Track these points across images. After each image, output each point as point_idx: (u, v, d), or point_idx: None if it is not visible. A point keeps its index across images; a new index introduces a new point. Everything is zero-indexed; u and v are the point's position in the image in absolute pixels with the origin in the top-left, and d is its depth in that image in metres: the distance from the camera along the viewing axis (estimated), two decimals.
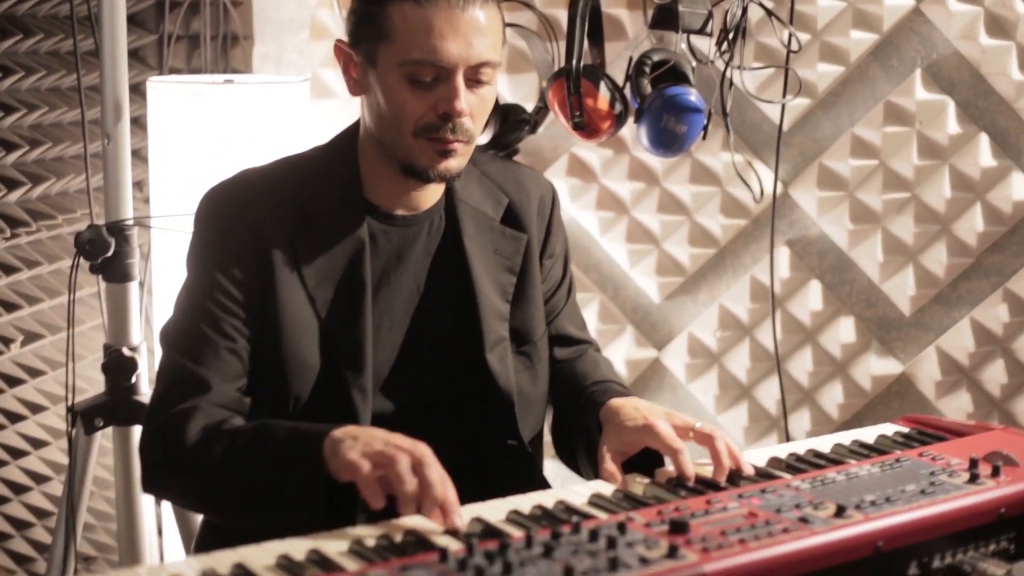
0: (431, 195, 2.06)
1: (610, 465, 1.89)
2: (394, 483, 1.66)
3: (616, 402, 2.00)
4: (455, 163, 1.96)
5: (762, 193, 2.76)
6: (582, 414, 2.08)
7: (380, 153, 1.99)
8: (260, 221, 1.96)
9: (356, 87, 2.00)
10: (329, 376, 1.97)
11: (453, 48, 1.89)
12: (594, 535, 1.56)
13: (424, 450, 1.69)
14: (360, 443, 1.70)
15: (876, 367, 3.15)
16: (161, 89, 2.83)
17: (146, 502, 2.81)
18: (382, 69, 1.92)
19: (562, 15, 2.89)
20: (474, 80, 1.93)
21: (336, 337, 1.98)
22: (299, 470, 1.75)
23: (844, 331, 3.14)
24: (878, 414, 3.15)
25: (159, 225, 2.79)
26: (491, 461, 2.05)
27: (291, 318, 1.96)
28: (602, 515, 1.71)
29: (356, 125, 2.07)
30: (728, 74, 2.66)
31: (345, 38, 2.01)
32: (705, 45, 2.73)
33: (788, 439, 3.11)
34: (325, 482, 1.72)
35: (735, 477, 1.87)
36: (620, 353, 3.25)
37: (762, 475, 1.88)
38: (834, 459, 1.96)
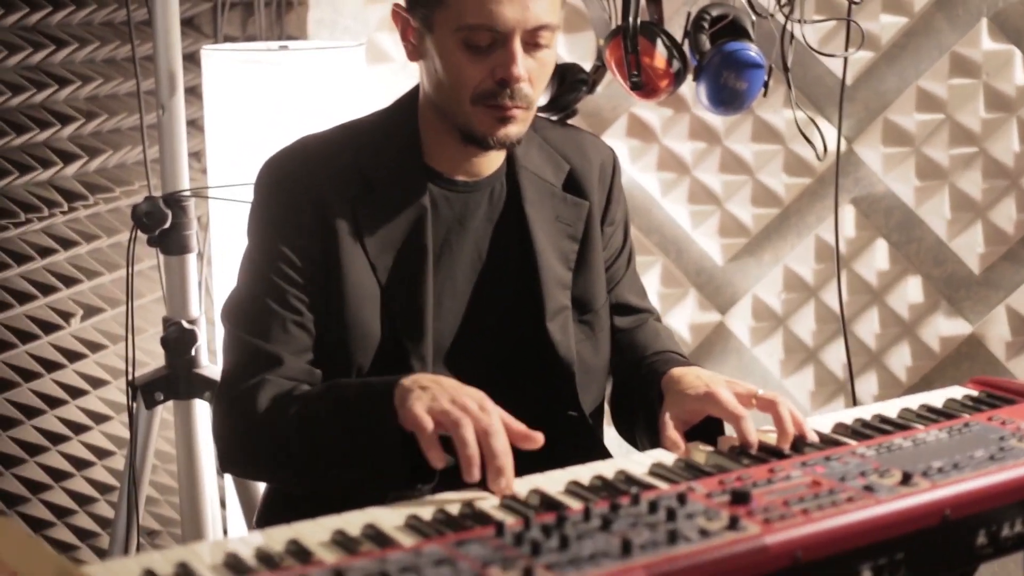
0: (492, 161, 2.05)
1: (672, 433, 1.87)
2: (457, 446, 1.65)
3: (677, 371, 1.98)
4: (515, 129, 1.95)
5: (825, 150, 2.69)
6: (642, 385, 2.06)
7: (440, 119, 1.98)
8: (321, 188, 1.95)
9: (414, 53, 2.00)
10: (390, 345, 1.97)
11: (509, 11, 1.87)
12: (653, 507, 1.54)
13: (490, 418, 1.68)
14: (428, 395, 1.71)
15: (945, 328, 3.10)
16: (215, 57, 2.83)
17: (208, 476, 2.83)
18: (438, 34, 1.91)
19: None
20: (532, 44, 1.91)
21: (397, 305, 1.98)
22: (371, 421, 1.76)
23: (912, 291, 3.10)
24: (947, 376, 3.10)
25: (216, 196, 2.79)
26: (552, 432, 1.99)
27: (353, 286, 1.96)
28: (663, 485, 1.69)
29: (415, 90, 2.06)
30: (789, 28, 2.59)
31: (402, 2, 1.99)
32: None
33: (855, 403, 3.07)
34: (399, 432, 1.72)
35: (799, 444, 1.83)
36: (683, 317, 3.23)
37: (826, 442, 1.85)
38: (901, 424, 1.92)
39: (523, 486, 1.68)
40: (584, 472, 1.75)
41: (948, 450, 1.76)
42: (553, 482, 1.71)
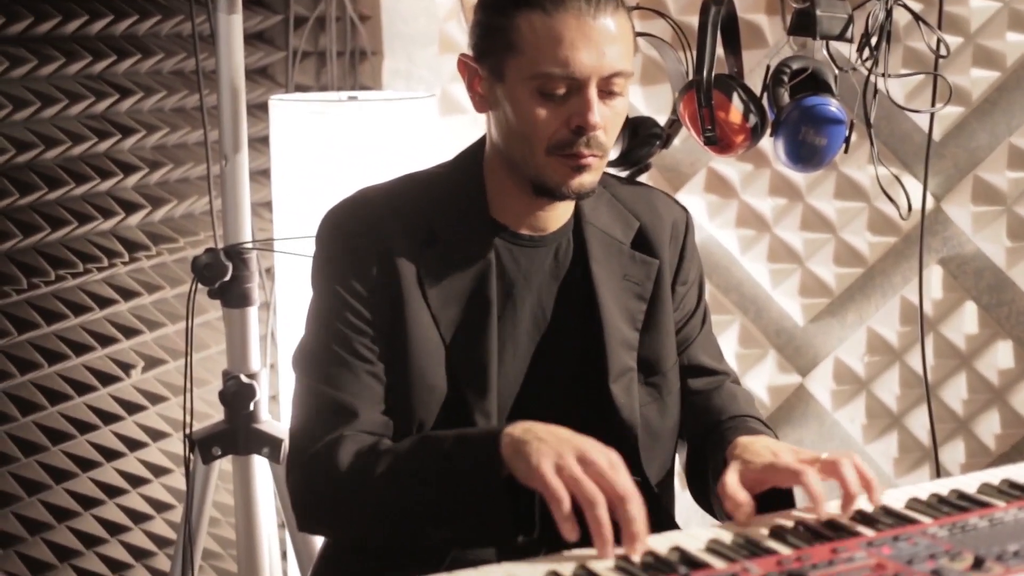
0: (559, 215, 2.01)
1: (733, 490, 1.77)
2: (590, 522, 1.60)
3: (745, 439, 1.91)
4: (588, 178, 1.91)
5: (909, 208, 2.61)
6: (715, 451, 1.99)
7: (508, 171, 1.95)
8: (384, 238, 1.93)
9: (482, 103, 1.96)
10: (453, 400, 1.94)
11: (585, 58, 1.84)
12: None
13: (624, 481, 1.63)
14: (551, 450, 1.66)
15: None
16: (283, 107, 2.82)
17: (267, 531, 2.79)
18: (510, 83, 1.88)
19: (694, 22, 2.72)
20: (606, 91, 1.88)
21: (461, 359, 1.95)
22: (475, 473, 1.73)
23: (1002, 356, 3.00)
24: None
25: (279, 249, 2.76)
26: None
27: (416, 339, 1.93)
28: (718, 563, 1.60)
29: (481, 142, 2.03)
30: (872, 81, 2.52)
31: (469, 52, 1.96)
32: (849, 51, 2.60)
33: (939, 472, 2.97)
34: (506, 483, 1.68)
35: (869, 517, 1.73)
36: (762, 379, 3.16)
37: (897, 518, 1.75)
38: (979, 501, 1.81)
39: (569, 559, 1.61)
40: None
41: None
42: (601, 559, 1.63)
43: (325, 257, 1.98)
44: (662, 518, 2.06)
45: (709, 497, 2.03)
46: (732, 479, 1.79)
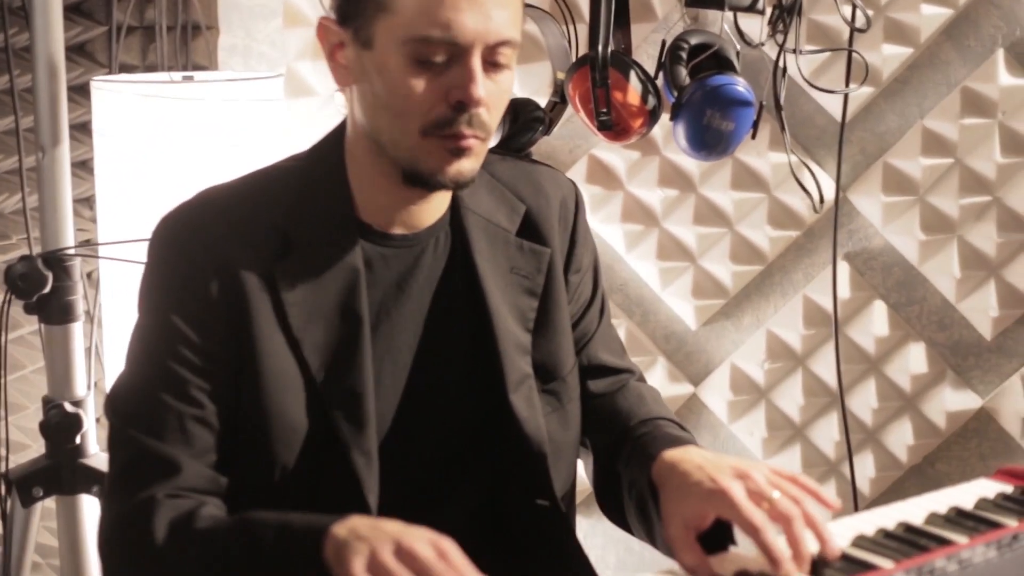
0: (435, 208, 1.87)
1: (692, 554, 1.63)
2: None
3: (671, 456, 1.76)
4: (468, 165, 1.76)
5: (821, 200, 2.50)
6: (630, 464, 1.88)
7: (375, 159, 1.80)
8: (229, 250, 1.77)
9: (345, 75, 1.79)
10: (323, 438, 1.79)
11: (469, 21, 1.68)
12: None
13: (449, 568, 1.48)
14: (366, 547, 1.50)
15: (951, 401, 2.93)
16: (107, 89, 2.62)
17: None
18: (380, 49, 1.72)
19: None
20: (491, 63, 1.73)
21: (330, 389, 1.78)
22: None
23: (914, 359, 2.92)
24: (953, 455, 2.95)
25: (107, 255, 2.57)
26: (518, 524, 1.86)
27: (272, 369, 1.77)
28: None
29: (341, 128, 1.87)
30: (781, 60, 2.43)
31: (331, 14, 1.78)
32: (748, 26, 2.50)
33: (855, 490, 2.88)
34: None
35: (819, 566, 1.58)
36: None
37: (854, 563, 1.59)
38: (936, 536, 1.67)
39: None
40: None
41: (1002, 574, 1.55)
42: None
43: (155, 275, 1.81)
44: (568, 541, 1.96)
45: (625, 514, 1.93)
46: (687, 549, 1.65)
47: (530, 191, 1.98)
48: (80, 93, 2.91)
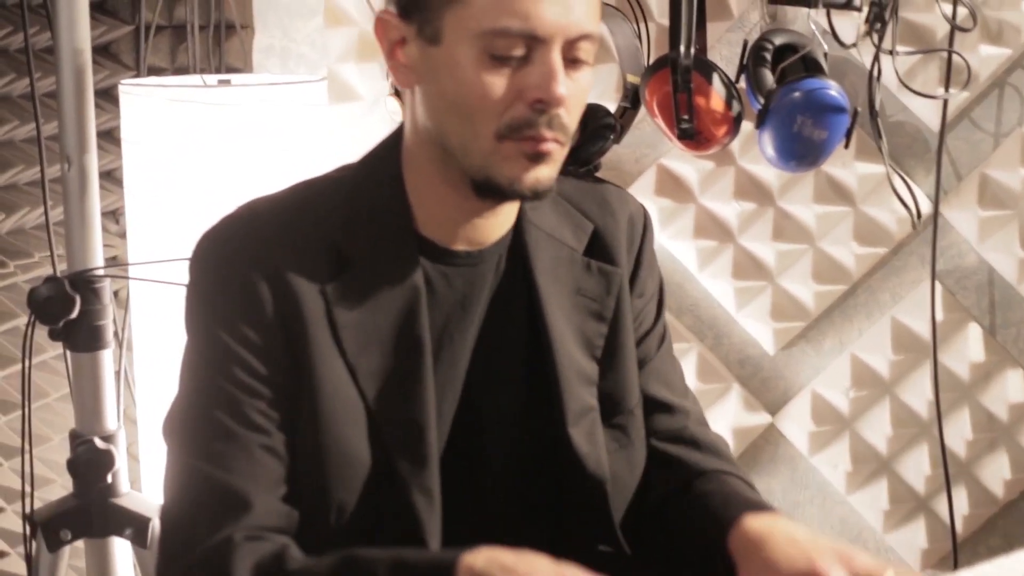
0: (502, 223, 1.78)
1: None
2: None
3: (756, 526, 1.67)
4: (547, 172, 1.68)
5: (918, 214, 2.39)
6: (694, 526, 1.80)
7: (441, 168, 1.72)
8: (279, 269, 1.69)
9: (408, 75, 1.70)
10: (382, 475, 1.71)
11: (549, 12, 1.60)
12: None
13: None
14: None
15: None
16: (136, 94, 2.54)
17: None
18: (450, 44, 1.64)
19: None
20: (571, 59, 1.65)
21: (388, 421, 1.71)
22: None
23: (1012, 387, 2.80)
24: None
25: (138, 275, 2.49)
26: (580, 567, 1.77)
27: (328, 397, 1.70)
28: None
29: (396, 136, 1.78)
30: (877, 62, 2.34)
31: (391, 7, 1.71)
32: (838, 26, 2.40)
33: (953, 529, 2.78)
34: None
35: None
36: (725, 418, 2.93)
37: None
38: None
39: None
40: None
41: None
42: None
43: (202, 294, 1.73)
44: None
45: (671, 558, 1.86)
46: None
47: (597, 209, 1.91)
48: (105, 98, 2.83)
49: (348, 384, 1.70)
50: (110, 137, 2.86)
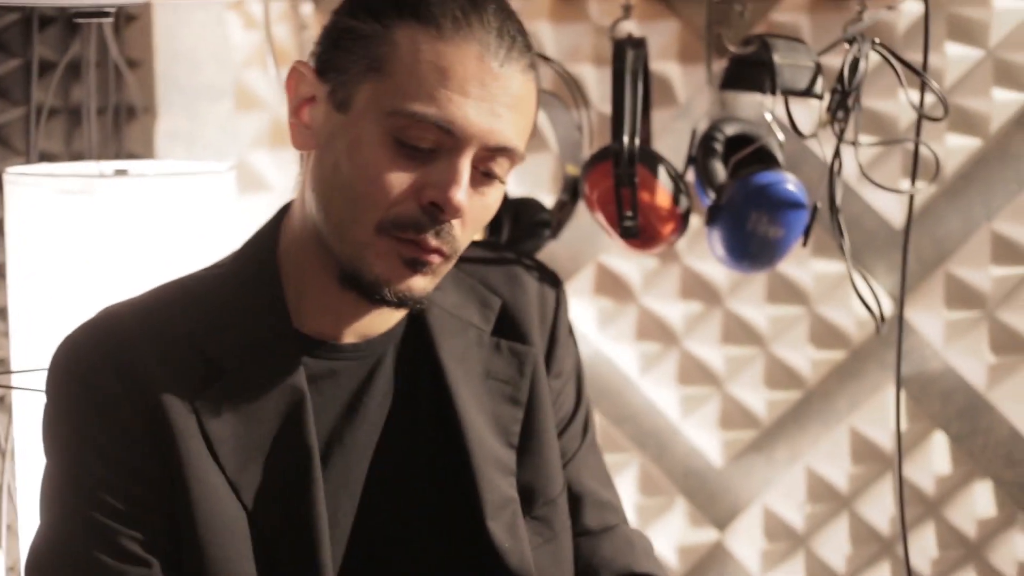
0: (395, 312, 1.73)
1: None
2: None
3: None
4: (422, 284, 1.63)
5: (882, 317, 2.31)
6: None
7: (318, 250, 1.66)
8: (145, 380, 1.62)
9: (306, 137, 1.65)
10: None
11: (473, 112, 1.55)
12: None
13: None
14: None
15: (1023, 548, 2.71)
16: (22, 184, 2.41)
17: None
18: (357, 116, 1.59)
19: (588, 73, 2.59)
20: (483, 171, 1.60)
21: (277, 539, 1.64)
22: None
23: (980, 501, 2.71)
24: None
25: (22, 384, 2.38)
26: None
27: (208, 515, 1.62)
28: None
29: (279, 216, 1.75)
30: (838, 154, 2.20)
31: (311, 61, 1.66)
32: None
33: None
34: None
35: None
36: (669, 535, 2.85)
37: None
38: None
39: None
40: None
41: None
42: None
43: (62, 413, 1.65)
44: None
45: None
46: None
47: (504, 281, 1.87)
48: None
49: (230, 501, 1.63)
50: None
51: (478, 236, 2.19)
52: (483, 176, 1.60)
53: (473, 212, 1.62)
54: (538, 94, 1.65)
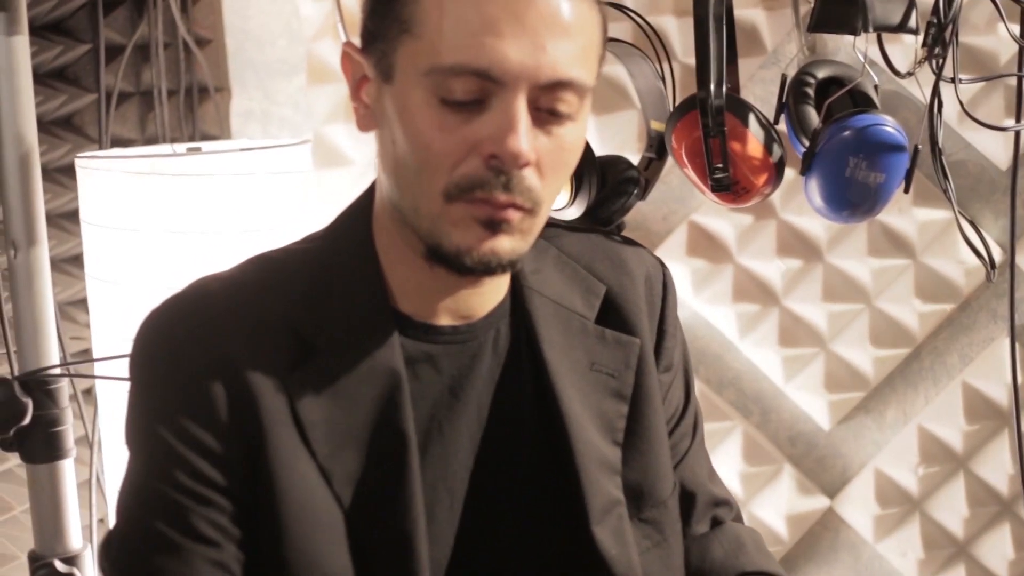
0: (492, 292, 1.67)
1: None
2: None
3: None
4: (508, 245, 1.54)
5: (993, 265, 2.22)
6: None
7: (400, 230, 1.61)
8: (234, 359, 1.57)
9: (367, 118, 1.59)
10: None
11: (512, 50, 1.44)
12: None
13: None
14: None
15: None
16: (94, 168, 2.39)
17: None
18: (401, 83, 1.51)
19: (670, 24, 2.54)
20: (547, 110, 1.49)
21: (370, 532, 1.59)
22: None
23: None
24: None
25: (103, 374, 2.34)
26: None
27: (297, 506, 1.58)
28: None
29: (369, 194, 1.67)
30: (937, 92, 2.12)
31: (355, 40, 1.59)
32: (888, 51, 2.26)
33: None
34: None
35: None
36: (775, 505, 2.84)
37: None
38: None
39: None
40: None
41: None
42: None
43: (144, 389, 1.61)
44: None
45: None
46: None
47: (609, 268, 1.79)
48: (67, 174, 2.69)
49: (322, 491, 1.58)
50: (74, 218, 2.71)
51: (565, 192, 2.13)
52: (549, 116, 1.51)
53: (548, 157, 1.52)
54: (602, 12, 1.56)
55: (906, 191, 2.16)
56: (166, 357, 1.59)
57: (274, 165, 2.45)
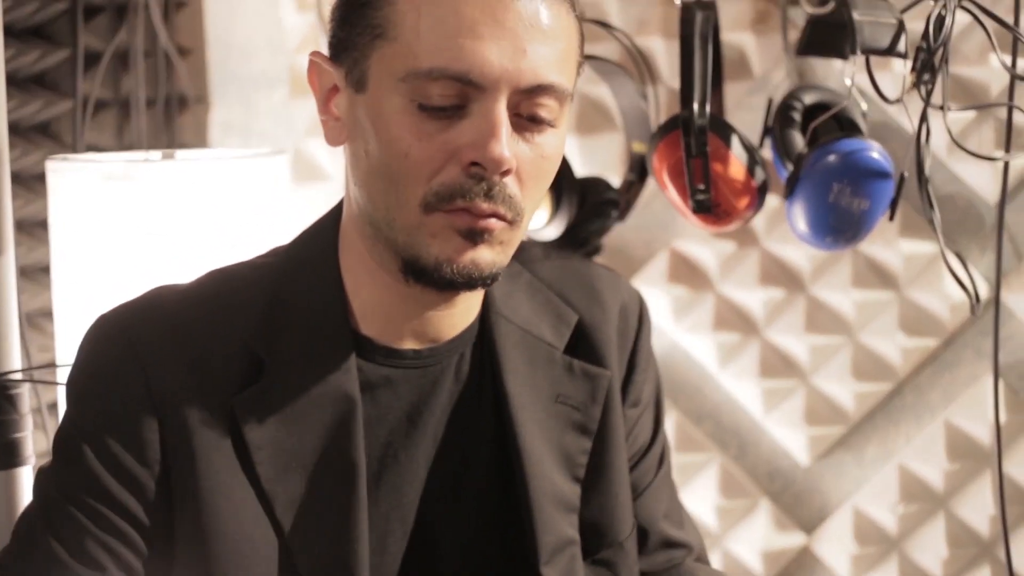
0: (459, 314, 1.64)
1: None
2: None
3: None
4: (488, 256, 1.52)
5: (977, 299, 2.21)
6: None
7: (372, 247, 1.58)
8: (179, 375, 1.56)
9: (337, 130, 1.57)
10: None
11: (494, 53, 1.45)
12: None
13: None
14: None
15: None
16: (63, 172, 2.37)
17: None
18: (375, 91, 1.50)
19: (656, 46, 2.53)
20: (528, 116, 1.49)
21: (308, 560, 1.57)
22: None
23: None
24: None
25: (62, 381, 2.26)
26: None
27: (225, 537, 1.56)
28: None
29: (337, 211, 1.67)
30: (925, 119, 2.11)
31: (323, 48, 1.58)
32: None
33: None
34: None
35: None
36: (752, 540, 2.79)
37: None
38: None
39: None
40: None
41: None
42: None
43: (75, 400, 1.60)
44: None
45: None
46: None
47: (582, 296, 1.77)
48: (42, 181, 2.59)
49: (260, 518, 1.56)
50: (44, 226, 2.61)
51: (544, 211, 2.16)
52: (529, 122, 1.51)
53: (528, 165, 1.51)
54: (580, 27, 1.55)
55: (891, 219, 2.16)
56: (101, 376, 1.58)
57: (252, 175, 2.43)
